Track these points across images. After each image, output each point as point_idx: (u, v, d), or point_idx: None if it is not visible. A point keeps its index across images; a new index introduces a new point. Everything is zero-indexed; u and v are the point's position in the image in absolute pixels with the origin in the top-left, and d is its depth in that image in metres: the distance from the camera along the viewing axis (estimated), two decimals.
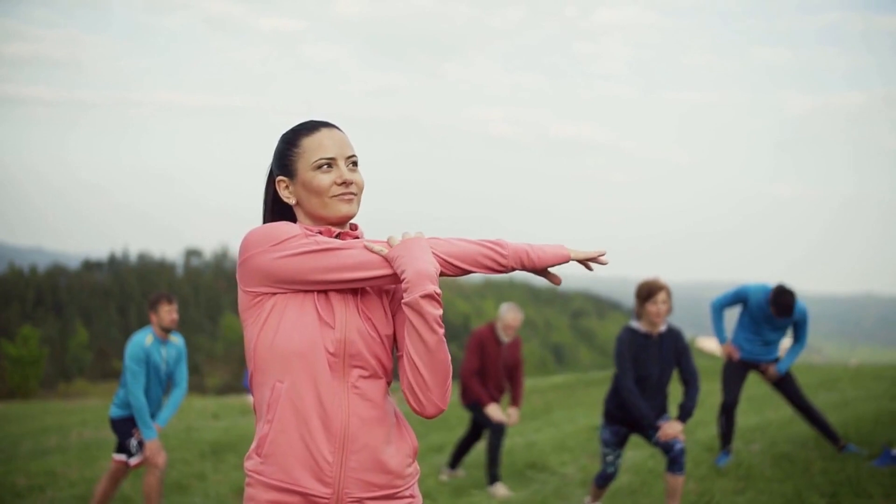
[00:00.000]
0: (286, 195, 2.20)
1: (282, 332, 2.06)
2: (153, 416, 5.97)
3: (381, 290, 2.19)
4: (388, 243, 2.11)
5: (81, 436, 12.30)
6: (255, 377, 2.14)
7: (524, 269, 2.19)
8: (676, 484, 5.20)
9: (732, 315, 7.10)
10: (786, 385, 6.96)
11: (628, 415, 5.30)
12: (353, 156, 2.18)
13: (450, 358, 2.08)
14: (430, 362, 2.04)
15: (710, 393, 9.49)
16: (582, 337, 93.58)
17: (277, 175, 2.22)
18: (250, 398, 7.05)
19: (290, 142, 2.19)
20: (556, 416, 11.55)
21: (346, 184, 2.14)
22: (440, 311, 2.02)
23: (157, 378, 5.94)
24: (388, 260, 2.08)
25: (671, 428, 5.13)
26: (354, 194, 2.16)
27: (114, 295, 71.97)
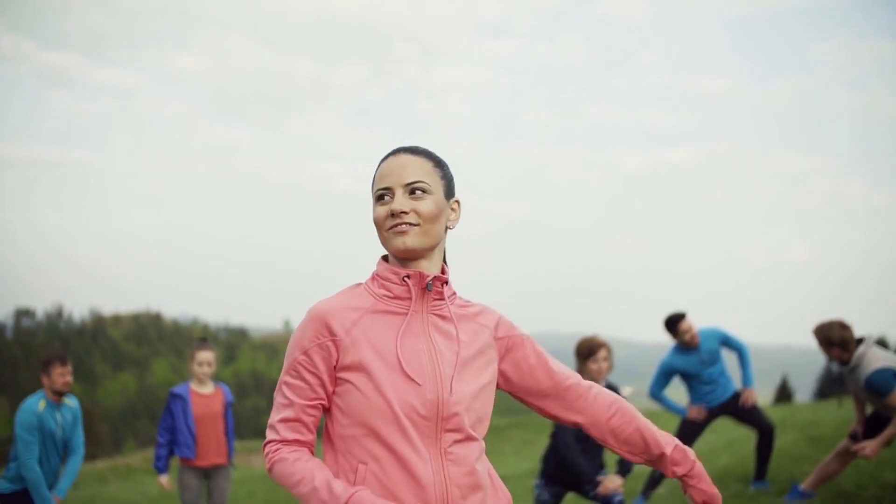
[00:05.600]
0: None
1: (356, 403, 1.86)
2: (51, 487, 5.44)
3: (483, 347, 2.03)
4: None
5: None
6: (327, 459, 1.91)
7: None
8: None
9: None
10: (753, 413, 6.91)
11: (568, 475, 5.15)
12: (416, 181, 1.91)
13: None
14: None
15: None
16: None
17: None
18: (163, 478, 6.21)
19: (376, 169, 2.01)
20: None
21: (395, 214, 1.88)
22: None
23: (52, 445, 5.40)
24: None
25: (611, 482, 5.02)
26: (410, 224, 1.88)
27: None
